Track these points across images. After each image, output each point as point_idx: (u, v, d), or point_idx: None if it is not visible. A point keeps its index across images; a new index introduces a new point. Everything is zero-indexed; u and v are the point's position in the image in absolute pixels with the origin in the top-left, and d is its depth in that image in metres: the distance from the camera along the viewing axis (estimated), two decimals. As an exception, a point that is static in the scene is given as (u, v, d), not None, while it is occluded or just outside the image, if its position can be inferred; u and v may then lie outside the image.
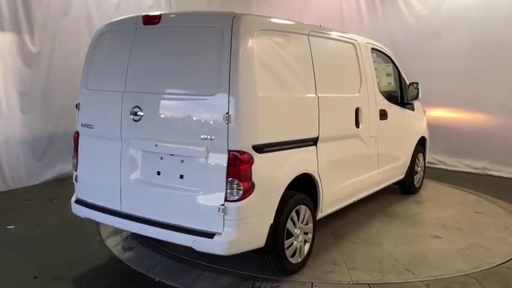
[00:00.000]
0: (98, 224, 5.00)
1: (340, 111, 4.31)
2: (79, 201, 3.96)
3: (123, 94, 3.59)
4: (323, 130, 3.90)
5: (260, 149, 3.25)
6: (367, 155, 4.76)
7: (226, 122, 3.11)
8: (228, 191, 3.14)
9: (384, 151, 5.08)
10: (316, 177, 3.87)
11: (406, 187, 6.11)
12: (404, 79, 5.67)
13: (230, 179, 3.13)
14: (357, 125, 4.46)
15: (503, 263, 4.07)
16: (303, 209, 3.75)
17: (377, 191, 5.32)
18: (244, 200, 3.13)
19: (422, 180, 6.47)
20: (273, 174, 3.40)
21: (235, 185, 3.13)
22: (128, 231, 4.11)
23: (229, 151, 3.13)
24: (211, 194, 3.20)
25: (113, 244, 4.44)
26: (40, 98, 6.64)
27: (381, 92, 5.07)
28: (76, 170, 3.98)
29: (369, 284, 3.63)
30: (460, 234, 4.77)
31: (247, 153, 3.16)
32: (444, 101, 8.06)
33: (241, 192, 3.13)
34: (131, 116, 3.51)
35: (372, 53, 5.06)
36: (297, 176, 3.64)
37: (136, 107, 3.49)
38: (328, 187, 4.03)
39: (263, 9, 9.31)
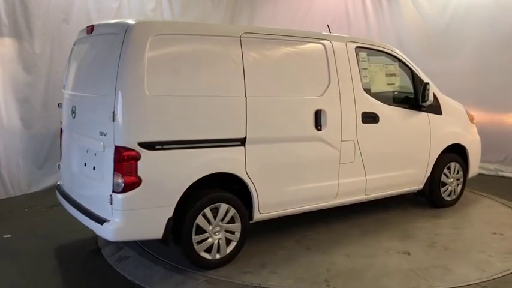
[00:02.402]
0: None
1: (287, 113, 4.19)
2: (58, 187, 4.56)
3: (70, 95, 4.31)
4: (254, 131, 3.92)
5: (150, 146, 3.45)
6: (341, 159, 4.51)
7: (112, 120, 3.40)
8: (114, 183, 3.42)
9: (374, 157, 4.75)
10: (244, 177, 3.91)
11: (431, 200, 5.51)
12: (421, 80, 5.13)
13: (115, 172, 3.42)
14: (318, 127, 4.30)
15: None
16: (223, 207, 3.83)
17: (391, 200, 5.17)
18: (128, 193, 3.39)
19: (460, 194, 5.70)
20: (170, 171, 3.58)
21: (119, 178, 3.40)
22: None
23: (115, 147, 3.42)
24: (106, 185, 3.52)
25: (109, 253, 4.35)
26: (40, 105, 6.57)
27: (373, 93, 4.80)
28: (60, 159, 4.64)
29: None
30: (438, 254, 4.25)
31: (132, 149, 3.39)
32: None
33: (123, 185, 3.38)
34: (72, 114, 4.13)
35: (361, 52, 4.77)
36: (221, 175, 3.82)
37: (73, 106, 4.14)
38: (266, 189, 4.03)
39: (267, 12, 9.24)
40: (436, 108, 5.26)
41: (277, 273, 3.82)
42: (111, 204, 3.46)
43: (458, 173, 5.60)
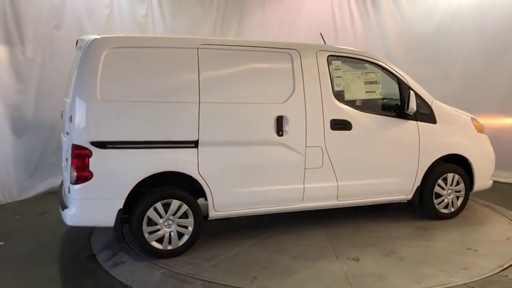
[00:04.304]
0: (89, 238, 4.93)
1: (244, 118, 4.41)
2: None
3: (64, 101, 4.56)
4: (206, 134, 4.22)
5: (101, 145, 3.93)
6: (306, 165, 4.62)
7: (70, 121, 3.98)
8: (71, 175, 3.96)
9: (347, 164, 4.80)
10: (197, 177, 4.23)
11: (424, 211, 5.32)
12: (409, 88, 4.98)
13: (71, 166, 3.96)
14: (279, 133, 4.45)
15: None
16: (175, 203, 4.20)
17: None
18: (81, 184, 3.92)
19: (462, 207, 5.39)
20: (119, 167, 4.02)
21: (74, 172, 3.93)
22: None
23: (72, 144, 3.96)
24: (69, 177, 4.05)
25: (104, 259, 4.38)
26: (32, 111, 6.54)
27: (348, 100, 4.86)
28: None
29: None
30: (387, 264, 4.15)
31: (85, 147, 3.90)
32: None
33: (75, 178, 3.92)
34: (61, 117, 4.62)
35: (335, 60, 4.86)
36: (178, 175, 4.18)
37: (62, 110, 4.63)
38: (220, 189, 4.32)
39: (256, 19, 9.32)
40: (428, 117, 5.13)
41: (217, 267, 4.04)
42: (69, 193, 4.04)
43: (458, 184, 5.34)
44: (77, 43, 4.58)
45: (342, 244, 4.57)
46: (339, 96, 4.82)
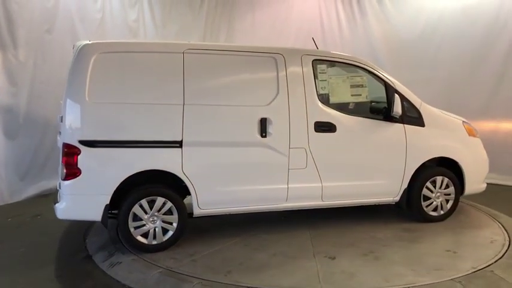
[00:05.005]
0: (84, 239, 4.96)
1: (228, 120, 4.58)
2: None
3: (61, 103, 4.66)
4: (190, 135, 4.41)
5: (90, 144, 4.18)
6: (290, 165, 4.73)
7: (61, 121, 4.26)
8: (61, 172, 4.22)
9: (331, 165, 4.89)
10: (181, 175, 4.42)
11: (412, 213, 5.32)
12: (395, 91, 5.02)
13: (62, 163, 4.22)
14: (263, 134, 4.60)
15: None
16: (160, 200, 4.42)
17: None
18: (70, 180, 4.17)
19: (452, 210, 5.36)
20: (106, 165, 4.27)
21: (64, 168, 4.18)
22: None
23: (62, 143, 4.21)
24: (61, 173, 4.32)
25: (101, 260, 4.44)
26: (23, 114, 6.57)
27: (333, 103, 4.99)
28: None
29: (168, 268, 4.10)
30: (362, 262, 4.20)
31: (74, 146, 4.15)
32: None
33: (65, 174, 4.17)
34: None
35: (320, 64, 4.99)
36: (160, 172, 4.38)
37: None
38: (204, 187, 4.51)
39: (246, 23, 9.44)
40: (415, 120, 5.16)
41: (196, 262, 4.21)
42: (60, 189, 4.33)
43: (447, 187, 5.34)
44: (73, 47, 4.69)
45: (323, 243, 4.64)
46: (324, 99, 4.97)
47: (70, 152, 4.17)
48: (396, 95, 4.99)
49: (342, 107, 5.05)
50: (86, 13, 7.33)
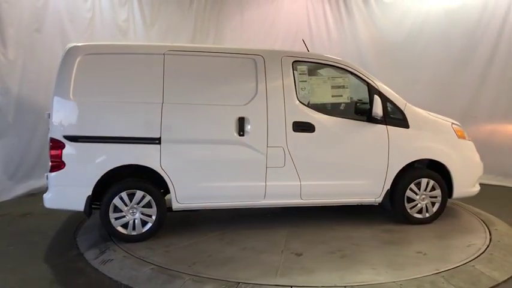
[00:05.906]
0: (74, 237, 5.00)
1: (206, 118, 4.77)
2: None
3: None
4: (168, 132, 4.64)
5: (73, 138, 4.50)
6: (268, 164, 4.84)
7: (48, 117, 4.57)
8: (49, 164, 4.55)
9: (310, 164, 4.97)
10: (159, 171, 4.66)
11: (396, 215, 5.31)
12: (379, 93, 5.03)
13: (48, 156, 4.54)
14: (240, 133, 4.74)
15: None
16: (139, 193, 4.68)
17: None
18: (55, 172, 4.50)
19: (438, 213, 5.29)
20: (89, 159, 4.55)
21: (49, 161, 4.53)
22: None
23: (49, 137, 4.53)
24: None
25: (92, 257, 4.48)
26: (12, 113, 6.57)
27: (313, 104, 5.06)
28: None
29: (142, 258, 4.29)
30: (326, 259, 4.26)
31: (59, 140, 4.47)
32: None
33: (50, 166, 4.51)
34: None
35: (300, 65, 5.05)
36: (140, 167, 4.63)
37: None
38: (182, 182, 4.72)
39: (235, 23, 9.51)
40: (399, 121, 5.14)
41: (169, 253, 4.41)
42: (47, 180, 4.61)
43: (433, 190, 5.28)
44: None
45: (296, 240, 4.72)
46: (303, 99, 5.05)
47: (55, 146, 4.48)
48: (376, 96, 4.99)
49: (322, 108, 5.11)
50: (76, 13, 7.35)
